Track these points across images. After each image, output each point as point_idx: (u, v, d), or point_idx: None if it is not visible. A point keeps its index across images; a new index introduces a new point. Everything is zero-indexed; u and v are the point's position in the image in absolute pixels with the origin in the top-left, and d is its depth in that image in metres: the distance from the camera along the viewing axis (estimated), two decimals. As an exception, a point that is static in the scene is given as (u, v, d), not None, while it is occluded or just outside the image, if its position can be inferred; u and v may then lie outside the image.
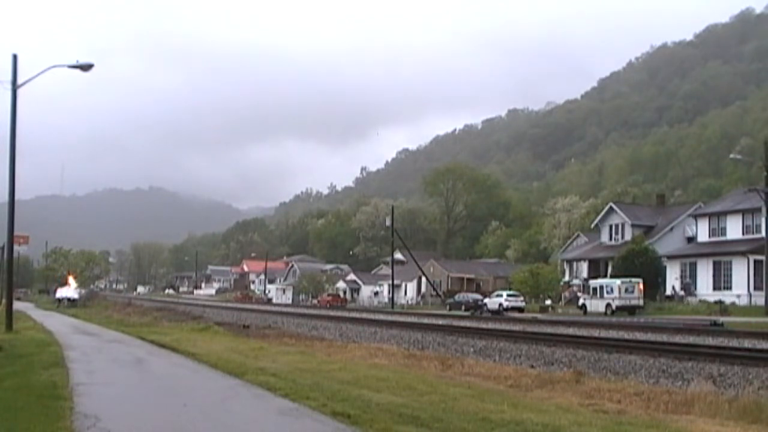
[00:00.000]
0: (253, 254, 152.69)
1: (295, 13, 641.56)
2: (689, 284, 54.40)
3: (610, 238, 67.05)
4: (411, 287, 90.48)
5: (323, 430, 8.51)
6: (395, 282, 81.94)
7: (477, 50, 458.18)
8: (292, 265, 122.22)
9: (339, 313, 52.95)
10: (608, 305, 47.68)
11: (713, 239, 56.35)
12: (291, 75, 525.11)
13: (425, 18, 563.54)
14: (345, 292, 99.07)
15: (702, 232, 58.10)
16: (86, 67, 27.40)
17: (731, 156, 70.88)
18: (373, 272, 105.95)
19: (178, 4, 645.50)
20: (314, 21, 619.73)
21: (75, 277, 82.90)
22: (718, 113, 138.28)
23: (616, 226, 66.87)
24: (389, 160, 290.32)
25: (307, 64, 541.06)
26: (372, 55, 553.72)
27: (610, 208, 68.78)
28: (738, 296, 49.32)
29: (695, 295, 53.21)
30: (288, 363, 16.37)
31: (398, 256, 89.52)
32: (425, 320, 40.75)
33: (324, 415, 9.26)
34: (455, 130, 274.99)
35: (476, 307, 59.60)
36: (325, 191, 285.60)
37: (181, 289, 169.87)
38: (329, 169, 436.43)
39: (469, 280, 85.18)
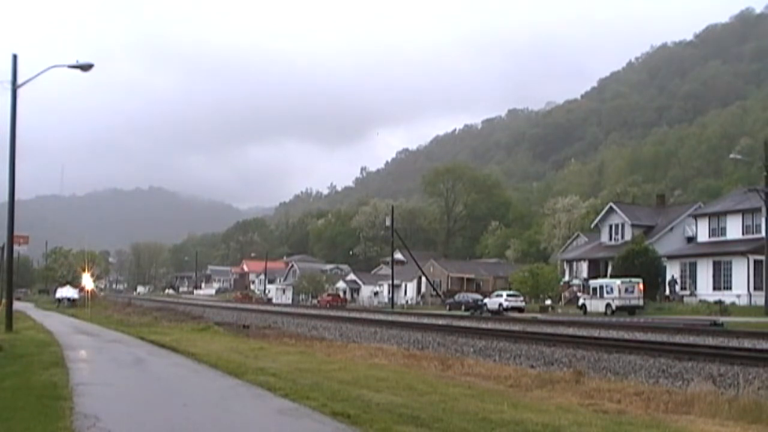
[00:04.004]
0: (253, 254, 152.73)
1: (295, 15, 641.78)
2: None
3: (610, 238, 67.04)
4: (411, 287, 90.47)
5: (323, 430, 8.50)
6: (395, 282, 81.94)
7: (477, 50, 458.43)
8: (292, 265, 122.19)
9: (339, 313, 52.98)
10: (608, 305, 47.69)
11: (713, 239, 56.33)
12: (291, 75, 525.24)
13: (425, 18, 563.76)
14: (345, 292, 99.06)
15: (702, 232, 58.07)
16: (86, 67, 27.36)
17: (731, 156, 70.76)
18: (373, 272, 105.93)
19: (177, 7, 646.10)
20: (314, 21, 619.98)
21: (90, 272, 79.67)
22: (718, 113, 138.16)
23: (616, 226, 66.86)
24: (389, 160, 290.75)
25: (307, 65, 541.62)
26: (372, 55, 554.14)
27: (610, 208, 68.77)
28: (738, 296, 49.31)
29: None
30: (288, 363, 16.36)
31: (398, 256, 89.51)
32: (425, 320, 40.78)
33: (324, 415, 9.26)
34: (455, 130, 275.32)
35: (476, 307, 59.59)
36: (325, 191, 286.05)
37: (181, 289, 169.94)
38: (329, 169, 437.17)
39: (469, 280, 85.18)
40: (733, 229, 54.85)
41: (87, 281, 71.54)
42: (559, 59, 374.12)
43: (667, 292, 54.80)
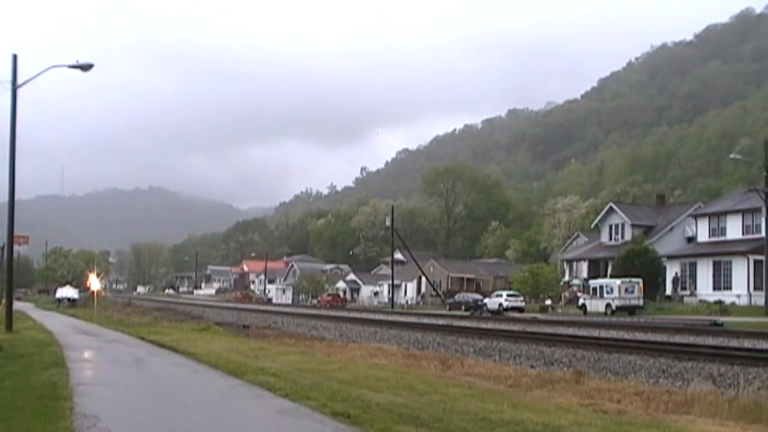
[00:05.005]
0: (253, 254, 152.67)
1: (295, 15, 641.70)
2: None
3: (610, 238, 67.03)
4: (411, 287, 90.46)
5: (323, 430, 8.50)
6: (395, 282, 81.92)
7: (477, 50, 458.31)
8: (292, 265, 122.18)
9: (339, 313, 52.97)
10: (608, 305, 47.70)
11: (713, 239, 56.33)
12: (291, 76, 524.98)
13: (425, 18, 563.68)
14: (345, 292, 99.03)
15: (702, 232, 58.07)
16: (86, 67, 27.36)
17: (731, 156, 70.77)
18: (373, 272, 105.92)
19: (177, 7, 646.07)
20: (314, 22, 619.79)
21: (97, 275, 79.52)
22: (718, 113, 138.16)
23: (616, 226, 66.86)
24: (389, 160, 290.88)
25: (307, 65, 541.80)
26: (372, 55, 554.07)
27: (610, 208, 68.76)
28: (738, 296, 49.32)
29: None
30: (288, 363, 16.36)
31: (398, 256, 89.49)
32: (425, 320, 40.78)
33: (324, 415, 9.26)
34: (455, 130, 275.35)
35: (476, 307, 59.58)
36: (325, 191, 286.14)
37: (181, 289, 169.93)
38: (329, 169, 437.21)
39: (469, 280, 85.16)
40: (733, 229, 54.85)
41: (94, 282, 71.46)
42: (559, 59, 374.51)
43: (670, 291, 54.78)
